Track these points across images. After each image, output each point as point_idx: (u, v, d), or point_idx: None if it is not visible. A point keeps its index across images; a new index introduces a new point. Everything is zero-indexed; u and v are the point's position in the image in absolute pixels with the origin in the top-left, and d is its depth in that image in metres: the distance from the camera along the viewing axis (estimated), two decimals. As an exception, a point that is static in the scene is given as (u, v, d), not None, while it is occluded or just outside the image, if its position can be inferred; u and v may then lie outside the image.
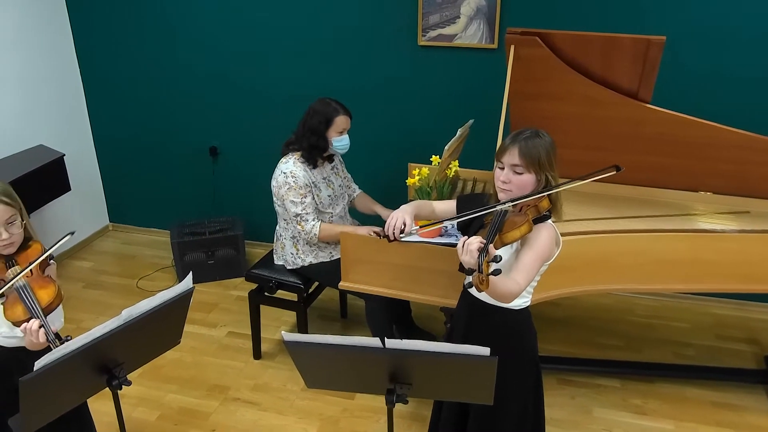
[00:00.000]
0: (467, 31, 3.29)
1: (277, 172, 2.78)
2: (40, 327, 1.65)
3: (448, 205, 2.19)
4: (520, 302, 1.92)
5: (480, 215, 1.90)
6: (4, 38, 3.53)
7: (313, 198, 2.79)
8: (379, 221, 3.04)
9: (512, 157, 1.83)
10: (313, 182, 2.79)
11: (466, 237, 1.67)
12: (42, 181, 3.41)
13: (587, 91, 2.51)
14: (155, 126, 4.09)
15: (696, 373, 2.99)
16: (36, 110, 3.80)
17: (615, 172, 1.83)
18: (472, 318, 2.01)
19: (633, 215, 2.66)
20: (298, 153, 2.79)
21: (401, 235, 2.04)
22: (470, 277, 1.62)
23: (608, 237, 2.46)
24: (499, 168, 1.88)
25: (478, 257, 1.59)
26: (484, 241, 1.63)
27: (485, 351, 1.56)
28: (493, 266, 1.59)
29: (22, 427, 1.63)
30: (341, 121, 2.75)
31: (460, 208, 2.11)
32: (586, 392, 2.90)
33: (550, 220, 1.88)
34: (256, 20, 3.63)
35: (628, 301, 3.60)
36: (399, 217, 2.04)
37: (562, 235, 2.42)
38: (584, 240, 2.44)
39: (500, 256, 1.60)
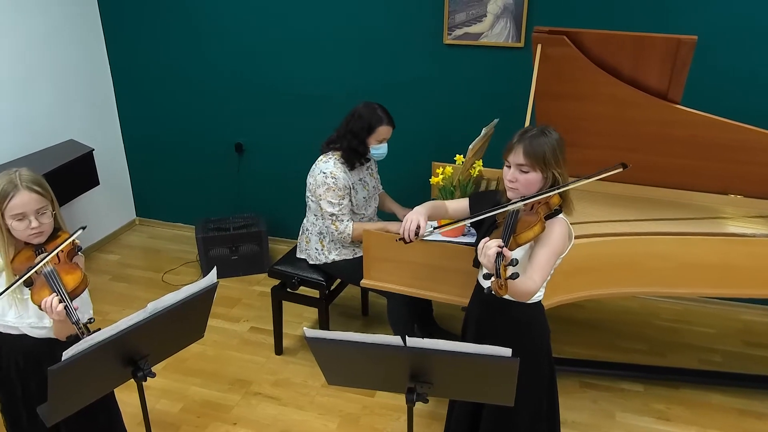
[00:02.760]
0: (493, 29, 3.27)
1: (316, 170, 2.79)
2: (60, 302, 1.68)
3: (461, 204, 2.20)
4: (534, 296, 1.92)
5: (493, 214, 1.92)
6: (37, 36, 3.61)
7: (350, 200, 2.80)
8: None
9: (517, 156, 1.85)
10: (351, 184, 2.80)
11: (487, 239, 1.68)
12: (72, 175, 3.48)
13: (615, 91, 2.48)
14: (182, 123, 4.15)
15: (722, 379, 2.93)
16: (67, 106, 3.88)
17: (622, 170, 1.83)
18: (484, 313, 2.02)
19: (661, 218, 2.62)
20: (338, 153, 2.79)
21: (417, 237, 2.04)
22: (487, 281, 1.64)
23: (634, 239, 2.42)
24: (506, 167, 1.91)
25: (495, 261, 1.60)
26: (501, 244, 1.64)
27: (507, 352, 1.55)
28: (510, 270, 1.61)
29: (50, 415, 1.67)
30: (383, 130, 2.75)
31: (473, 207, 2.14)
32: (608, 396, 2.86)
33: (561, 215, 1.90)
34: (283, 20, 3.65)
35: (653, 305, 3.55)
36: (413, 219, 2.04)
37: (588, 236, 2.42)
38: (609, 242, 2.41)
39: (516, 259, 1.62)
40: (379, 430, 2.69)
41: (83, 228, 1.78)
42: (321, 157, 2.82)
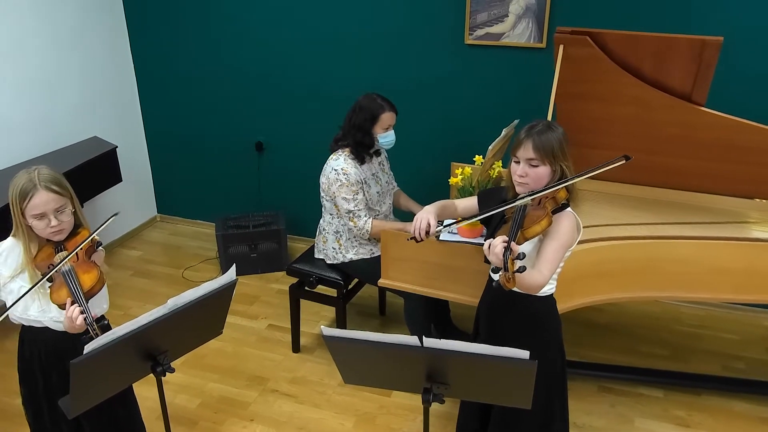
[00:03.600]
0: (515, 29, 3.25)
1: (327, 168, 2.81)
2: (81, 313, 1.71)
3: (471, 202, 2.23)
4: (544, 289, 1.94)
5: (502, 210, 1.96)
6: (64, 37, 3.68)
7: (364, 195, 2.81)
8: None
9: (527, 151, 1.88)
10: (363, 179, 2.80)
11: (492, 239, 1.73)
12: (95, 172, 3.53)
13: (638, 92, 2.45)
14: (204, 121, 4.19)
15: (745, 387, 2.87)
16: (92, 104, 3.94)
17: (624, 162, 1.84)
18: (496, 307, 2.04)
19: (683, 221, 2.58)
20: (347, 149, 2.81)
21: (428, 236, 2.07)
22: (495, 275, 1.68)
23: (655, 243, 2.39)
24: (515, 162, 1.94)
25: (503, 255, 1.65)
26: (507, 239, 1.68)
27: (524, 354, 1.54)
28: (518, 263, 1.65)
29: (71, 407, 1.70)
30: (387, 117, 2.76)
31: (482, 204, 2.17)
32: (627, 401, 2.83)
33: (569, 208, 1.94)
34: (304, 20, 3.67)
35: (674, 310, 3.50)
36: (423, 218, 2.08)
37: (607, 239, 2.39)
38: (630, 245, 2.38)
39: (523, 253, 1.68)
40: (395, 430, 2.69)
41: (116, 214, 1.81)
42: (331, 155, 2.84)
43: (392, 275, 2.53)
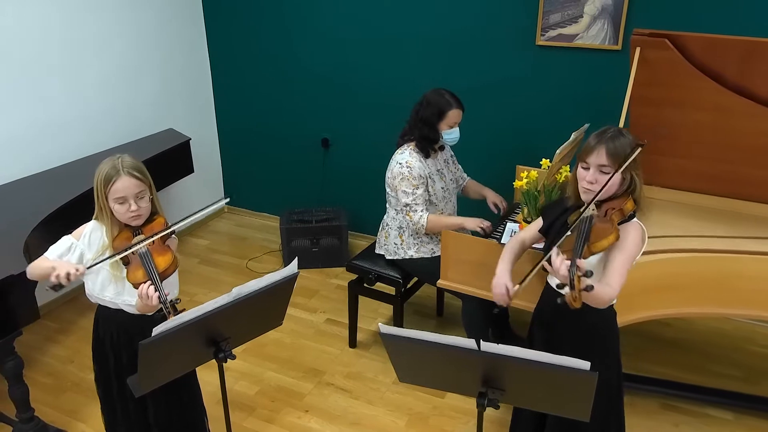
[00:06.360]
0: (590, 31, 3.16)
1: (392, 162, 2.82)
2: (155, 291, 1.79)
3: (534, 228, 2.13)
4: None
5: (560, 219, 1.92)
6: (147, 35, 3.87)
7: (426, 189, 2.80)
8: (485, 210, 3.01)
9: (600, 157, 1.82)
10: (428, 174, 2.80)
11: (556, 253, 1.68)
12: (170, 162, 3.68)
13: (719, 98, 2.33)
14: (273, 117, 4.29)
15: (824, 415, 2.70)
16: (169, 97, 4.12)
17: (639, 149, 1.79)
18: (554, 315, 1.98)
19: (761, 236, 2.44)
20: (413, 143, 2.82)
21: (510, 299, 1.99)
22: (561, 290, 1.63)
23: (729, 257, 2.28)
24: (584, 168, 1.87)
25: (569, 271, 1.59)
26: (572, 255, 1.64)
27: (585, 365, 1.50)
28: (585, 282, 1.59)
29: (138, 386, 1.78)
30: (454, 114, 2.74)
31: (545, 217, 2.09)
32: (692, 421, 2.71)
33: (635, 218, 1.88)
34: (373, 20, 3.70)
35: (748, 329, 3.31)
36: (500, 285, 1.99)
37: (678, 250, 2.30)
38: (702, 258, 2.28)
39: (591, 271, 1.62)
40: (447, 431, 2.68)
41: (228, 198, 1.88)
42: (397, 150, 2.85)
43: (451, 276, 2.52)
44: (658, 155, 2.04)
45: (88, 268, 1.87)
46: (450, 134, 2.78)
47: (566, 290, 1.61)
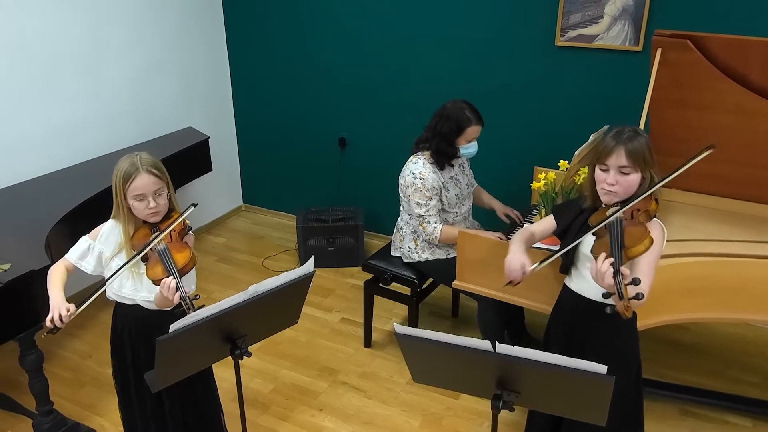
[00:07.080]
0: (610, 31, 3.13)
1: (405, 170, 2.81)
2: (177, 288, 1.81)
3: (546, 223, 2.12)
4: None
5: (576, 221, 1.90)
6: (168, 36, 3.92)
7: (440, 200, 2.79)
8: (494, 221, 3.00)
9: (619, 158, 1.81)
10: (442, 184, 2.79)
11: (603, 257, 1.65)
12: (188, 161, 3.72)
13: (743, 101, 2.30)
14: (291, 117, 4.31)
15: None
16: (189, 96, 4.16)
17: (710, 152, 1.74)
18: (577, 318, 1.97)
19: (785, 241, 2.40)
20: (428, 153, 2.80)
21: (524, 276, 1.98)
22: (607, 300, 1.61)
23: (752, 262, 2.24)
24: (602, 170, 1.86)
25: (615, 282, 1.57)
26: (613, 262, 1.60)
27: (602, 369, 1.48)
28: (633, 290, 1.56)
29: (155, 381, 1.80)
30: (472, 131, 2.72)
31: (558, 218, 2.07)
32: (710, 427, 2.67)
33: (655, 218, 1.87)
34: (391, 20, 3.70)
35: (770, 335, 3.27)
36: (516, 260, 1.97)
37: (699, 254, 2.27)
38: (724, 262, 2.24)
39: (638, 278, 1.59)
40: (461, 433, 2.68)
41: (194, 205, 1.90)
42: (411, 157, 2.83)
43: (467, 277, 2.51)
44: (674, 157, 2.00)
45: (108, 278, 1.91)
46: (468, 149, 2.75)
47: (612, 299, 1.58)
